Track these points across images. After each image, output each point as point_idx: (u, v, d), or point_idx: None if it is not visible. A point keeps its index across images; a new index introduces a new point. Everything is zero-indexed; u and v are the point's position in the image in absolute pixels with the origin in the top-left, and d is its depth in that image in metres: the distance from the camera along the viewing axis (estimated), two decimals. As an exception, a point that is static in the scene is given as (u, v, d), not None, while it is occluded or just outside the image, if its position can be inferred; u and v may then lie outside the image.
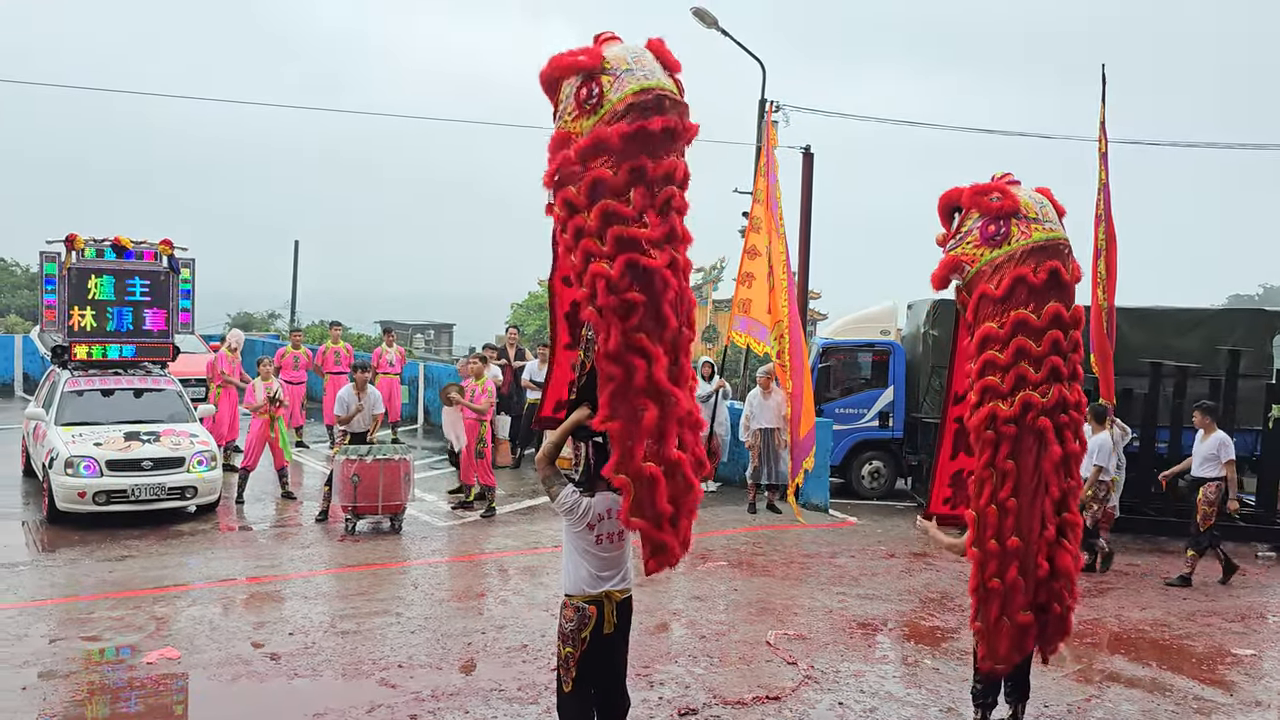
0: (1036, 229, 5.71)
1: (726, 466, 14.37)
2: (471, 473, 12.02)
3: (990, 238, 5.75)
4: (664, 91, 4.67)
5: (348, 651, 7.16)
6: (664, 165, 4.61)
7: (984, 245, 5.77)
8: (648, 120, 4.54)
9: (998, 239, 5.72)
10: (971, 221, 5.86)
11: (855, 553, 10.88)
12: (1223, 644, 8.18)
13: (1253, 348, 12.63)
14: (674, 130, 4.66)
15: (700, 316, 45.50)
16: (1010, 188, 5.87)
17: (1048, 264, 5.60)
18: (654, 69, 4.71)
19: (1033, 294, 5.60)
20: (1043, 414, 5.51)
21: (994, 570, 5.52)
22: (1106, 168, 11.14)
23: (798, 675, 7.02)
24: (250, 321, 43.39)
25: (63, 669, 6.66)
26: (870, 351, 14.77)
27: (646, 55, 4.77)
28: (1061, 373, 5.58)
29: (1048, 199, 5.89)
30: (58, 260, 12.16)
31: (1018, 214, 5.72)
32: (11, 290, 50.81)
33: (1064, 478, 5.61)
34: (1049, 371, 5.56)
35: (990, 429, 5.57)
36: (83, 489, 10.31)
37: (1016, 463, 5.53)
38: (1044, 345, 5.58)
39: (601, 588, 4.85)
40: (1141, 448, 12.26)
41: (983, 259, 5.76)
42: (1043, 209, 5.80)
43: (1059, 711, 6.60)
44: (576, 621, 4.86)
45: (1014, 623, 5.54)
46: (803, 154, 14.72)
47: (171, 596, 8.36)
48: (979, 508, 5.59)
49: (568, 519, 4.87)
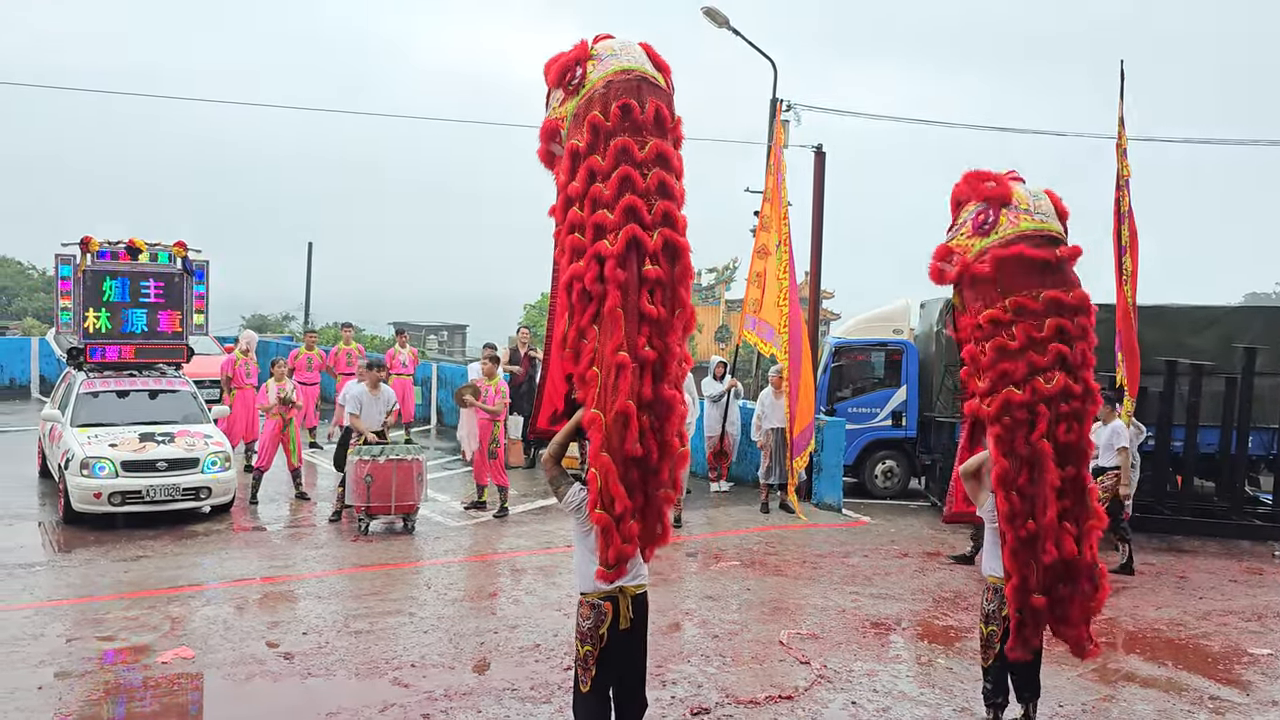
0: (1025, 219, 5.71)
1: (739, 466, 14.36)
2: (484, 473, 12.04)
3: (980, 226, 5.77)
4: (645, 74, 4.75)
5: (361, 651, 7.18)
6: (653, 147, 4.67)
7: (975, 234, 5.79)
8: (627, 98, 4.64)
9: (986, 227, 5.73)
10: (967, 212, 5.87)
11: (868, 552, 10.85)
12: (1239, 643, 8.13)
13: (1269, 345, 12.55)
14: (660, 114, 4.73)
15: (713, 316, 45.48)
16: (1010, 181, 5.88)
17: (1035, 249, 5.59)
18: (639, 57, 4.79)
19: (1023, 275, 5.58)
20: (1042, 400, 5.47)
21: (1025, 556, 5.50)
22: (1127, 161, 11.05)
23: (811, 675, 7.00)
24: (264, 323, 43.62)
25: (78, 669, 6.70)
26: (883, 351, 14.74)
27: (635, 47, 4.86)
28: (1069, 360, 5.52)
29: (1050, 198, 5.87)
30: (73, 263, 12.24)
31: (1008, 203, 5.73)
32: (28, 293, 51.21)
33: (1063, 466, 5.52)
34: (1054, 357, 5.50)
35: (1007, 416, 5.53)
36: (98, 490, 10.37)
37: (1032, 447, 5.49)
38: (1047, 330, 5.53)
39: (615, 583, 4.82)
40: (1157, 446, 12.20)
41: (974, 247, 5.76)
42: (1037, 203, 5.78)
43: (1074, 711, 6.56)
44: (593, 619, 4.83)
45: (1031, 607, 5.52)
46: (814, 153, 14.67)
47: (186, 596, 8.40)
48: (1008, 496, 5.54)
49: (576, 517, 4.87)
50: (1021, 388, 5.52)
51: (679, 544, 10.70)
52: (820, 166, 16.18)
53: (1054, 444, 5.51)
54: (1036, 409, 5.50)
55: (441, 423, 19.26)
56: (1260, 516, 12.53)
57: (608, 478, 4.47)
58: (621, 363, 4.50)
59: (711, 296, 46.78)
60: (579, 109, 4.74)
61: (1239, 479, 12.38)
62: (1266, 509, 12.81)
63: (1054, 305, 5.58)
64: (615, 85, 4.70)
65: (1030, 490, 5.51)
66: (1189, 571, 10.43)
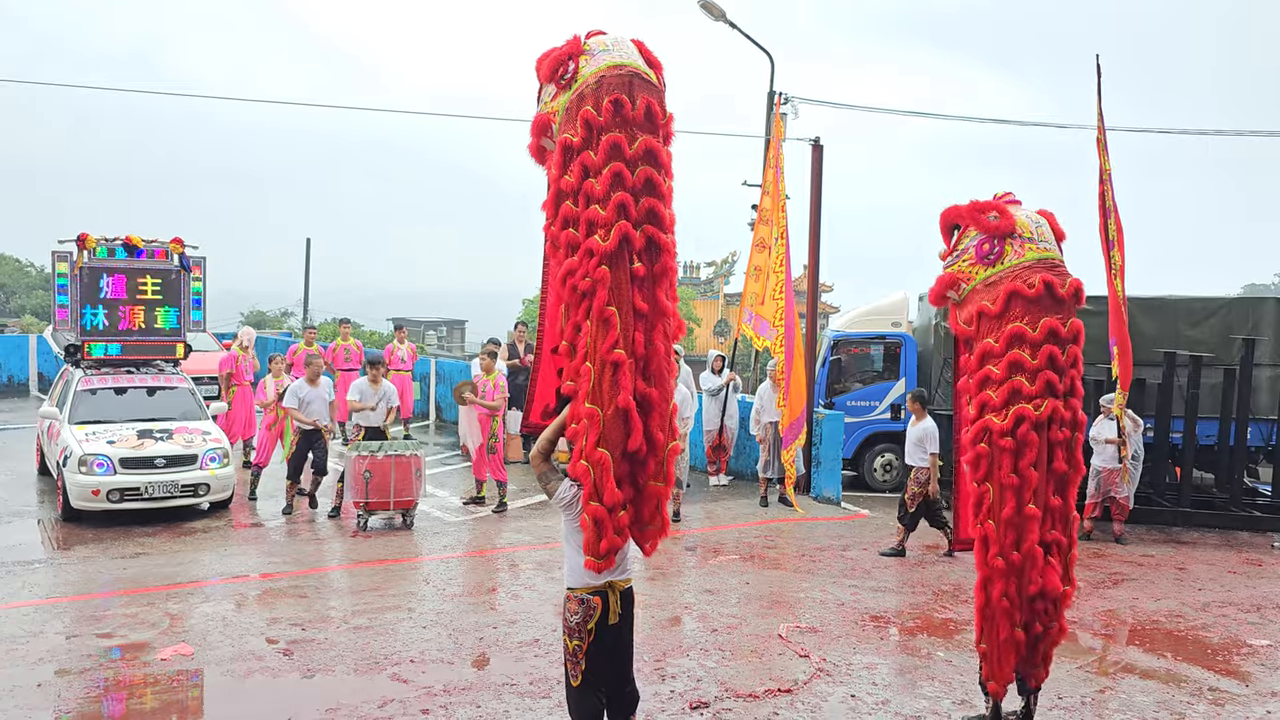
0: (1030, 248, 5.77)
1: (738, 460, 14.36)
2: (484, 468, 12.04)
3: (985, 256, 5.82)
4: (637, 70, 4.77)
5: (360, 646, 7.18)
6: (642, 144, 4.69)
7: (979, 263, 5.83)
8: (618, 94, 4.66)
9: (991, 257, 5.80)
10: (969, 240, 5.90)
11: (867, 545, 10.85)
12: (1238, 635, 8.13)
13: (1267, 337, 12.55)
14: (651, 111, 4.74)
15: (711, 310, 45.47)
16: (1009, 207, 5.91)
17: (1043, 277, 5.61)
18: (631, 53, 4.81)
19: (1028, 308, 5.61)
20: (1034, 428, 5.49)
21: (1001, 589, 5.49)
22: (1107, 156, 11.03)
23: (810, 668, 7.01)
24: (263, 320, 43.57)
25: (78, 666, 6.69)
26: (882, 344, 14.74)
27: (627, 43, 4.90)
28: (1057, 388, 5.56)
29: (1048, 221, 5.94)
30: (70, 260, 12.23)
31: (1014, 234, 5.79)
32: (26, 290, 51.17)
33: (1050, 494, 5.55)
34: (1043, 386, 5.54)
35: (984, 443, 5.58)
36: (96, 487, 10.36)
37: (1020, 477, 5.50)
38: (1040, 359, 5.56)
39: (604, 578, 4.84)
40: (1156, 438, 12.20)
41: (977, 277, 5.82)
42: (1039, 229, 5.86)
43: (1073, 703, 6.57)
44: (581, 614, 4.85)
45: (1014, 640, 5.51)
46: (812, 146, 14.62)
47: (185, 593, 8.40)
48: (981, 523, 5.57)
49: (566, 514, 4.88)
50: (1002, 415, 5.54)
51: (678, 538, 10.70)
52: (818, 159, 16.14)
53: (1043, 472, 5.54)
54: (1026, 436, 5.51)
55: (440, 418, 19.25)
56: (1259, 508, 12.54)
57: (603, 472, 4.52)
58: (618, 360, 4.55)
59: (710, 290, 46.77)
60: (570, 104, 4.74)
61: (1238, 470, 12.39)
62: (1265, 500, 12.82)
63: (1050, 334, 5.62)
64: (607, 81, 4.71)
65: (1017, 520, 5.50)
66: (1188, 563, 10.44)
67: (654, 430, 4.72)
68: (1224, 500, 12.55)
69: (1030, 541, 5.46)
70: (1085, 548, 10.56)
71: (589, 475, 4.57)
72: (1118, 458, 10.92)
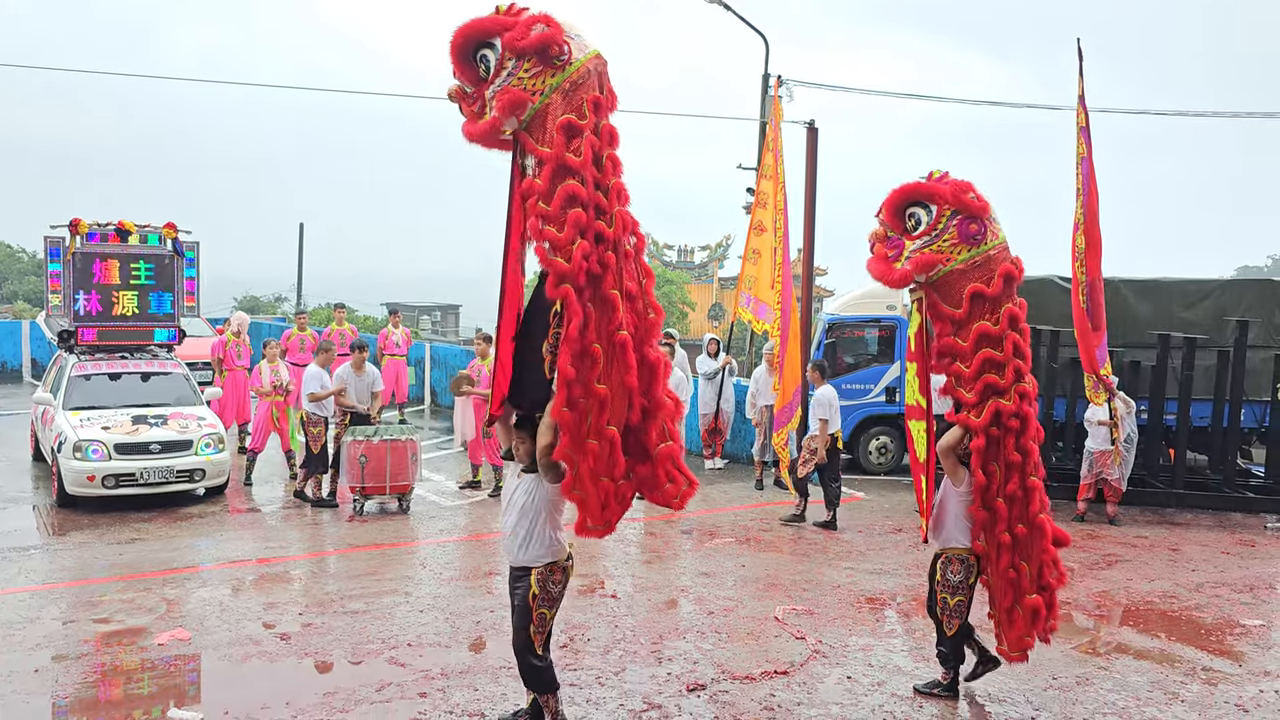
0: (999, 228, 5.92)
1: (733, 444, 14.37)
2: (479, 453, 12.03)
3: (970, 236, 5.85)
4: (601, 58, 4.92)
5: (357, 631, 7.19)
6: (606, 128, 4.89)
7: (962, 243, 5.83)
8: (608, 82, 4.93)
9: (977, 238, 5.80)
10: (946, 219, 5.85)
11: (862, 528, 10.88)
12: (1231, 615, 8.18)
13: (1260, 319, 12.57)
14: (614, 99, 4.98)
15: (706, 294, 45.39)
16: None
17: (1016, 259, 5.87)
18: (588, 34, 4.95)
19: (1013, 290, 5.87)
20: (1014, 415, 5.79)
21: (1008, 561, 5.90)
22: (1088, 141, 11.03)
23: (806, 650, 7.04)
24: (256, 305, 43.48)
25: (75, 651, 6.70)
26: (876, 326, 14.72)
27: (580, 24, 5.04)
28: (1023, 374, 5.82)
29: None
30: (61, 245, 12.15)
31: (988, 214, 5.89)
32: (19, 276, 50.97)
33: None
34: (1014, 372, 5.79)
35: (995, 426, 5.76)
36: (91, 473, 10.34)
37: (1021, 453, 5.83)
38: (1025, 341, 5.85)
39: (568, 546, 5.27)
40: (1150, 420, 12.23)
41: (959, 258, 5.81)
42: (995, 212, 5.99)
43: (1067, 683, 6.60)
44: (564, 581, 5.23)
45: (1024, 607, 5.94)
46: (807, 129, 14.56)
47: (181, 578, 8.40)
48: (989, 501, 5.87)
49: (557, 494, 5.10)
50: (1010, 397, 5.76)
51: (673, 521, 10.72)
52: (813, 142, 16.10)
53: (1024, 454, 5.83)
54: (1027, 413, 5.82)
55: (435, 403, 19.24)
56: (1252, 489, 12.59)
57: (614, 449, 4.79)
58: (623, 341, 4.76)
59: (704, 274, 46.69)
60: (565, 85, 4.71)
61: (1231, 452, 12.43)
62: (1259, 481, 12.87)
63: (1013, 322, 5.82)
64: (601, 66, 4.85)
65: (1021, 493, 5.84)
66: (1182, 544, 10.49)
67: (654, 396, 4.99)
68: (1218, 482, 12.59)
69: (1033, 512, 5.81)
70: (1079, 529, 10.62)
71: (599, 452, 4.74)
72: (1109, 439, 10.95)
